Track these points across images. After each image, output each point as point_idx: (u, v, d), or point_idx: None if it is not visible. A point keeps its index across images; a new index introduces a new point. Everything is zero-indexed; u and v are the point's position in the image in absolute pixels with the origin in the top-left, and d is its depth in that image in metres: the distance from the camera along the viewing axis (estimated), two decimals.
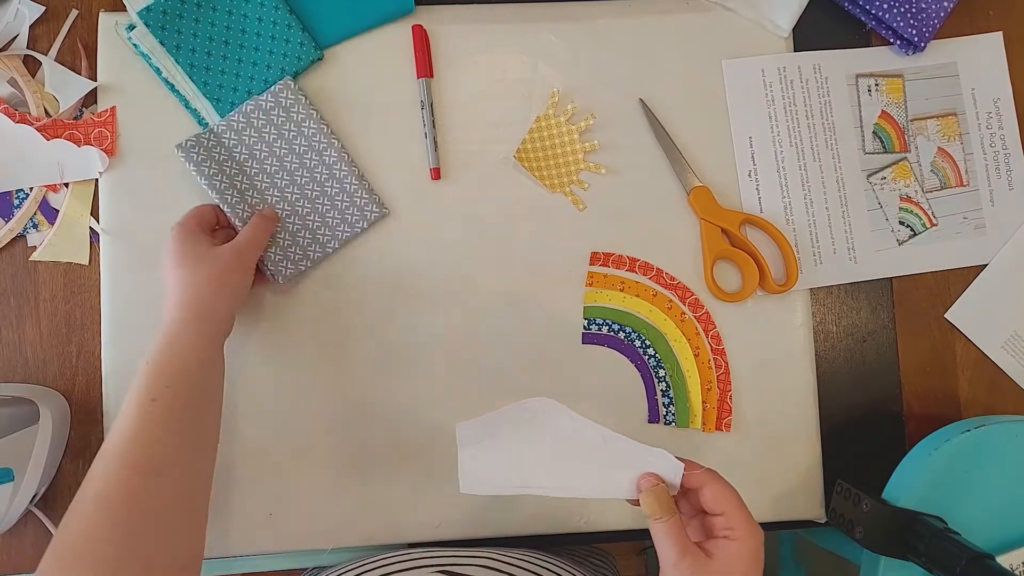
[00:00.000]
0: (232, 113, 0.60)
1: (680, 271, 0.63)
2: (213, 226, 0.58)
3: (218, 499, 0.60)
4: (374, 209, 0.61)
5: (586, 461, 0.47)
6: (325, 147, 0.61)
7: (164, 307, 0.52)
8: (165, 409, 0.46)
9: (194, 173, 0.58)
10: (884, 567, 0.56)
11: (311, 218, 0.61)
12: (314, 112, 0.60)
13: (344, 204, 0.61)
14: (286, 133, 0.60)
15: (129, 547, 0.42)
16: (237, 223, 0.58)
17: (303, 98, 0.60)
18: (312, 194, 0.61)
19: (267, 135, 0.60)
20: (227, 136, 0.59)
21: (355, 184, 0.61)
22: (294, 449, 0.60)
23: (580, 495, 0.47)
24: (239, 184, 0.59)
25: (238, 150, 0.60)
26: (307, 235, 0.60)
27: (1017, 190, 0.67)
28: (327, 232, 0.61)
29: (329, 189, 0.61)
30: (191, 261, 0.52)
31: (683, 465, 0.44)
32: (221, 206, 0.58)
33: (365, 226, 0.61)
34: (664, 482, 0.44)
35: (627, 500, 0.45)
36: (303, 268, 0.60)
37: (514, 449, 0.47)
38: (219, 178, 0.58)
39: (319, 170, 0.61)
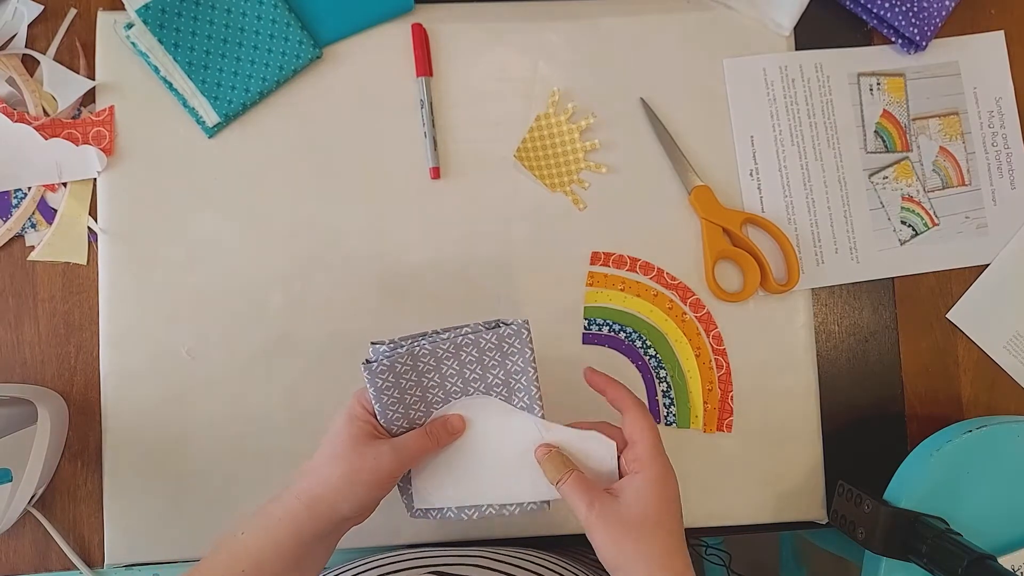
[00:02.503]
0: (444, 337, 0.49)
1: (681, 271, 0.63)
2: None
3: (217, 500, 0.60)
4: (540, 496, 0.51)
5: (528, 460, 0.49)
6: (522, 391, 0.50)
7: (298, 473, 0.47)
8: None
9: (369, 387, 0.48)
10: (886, 568, 0.56)
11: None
12: (532, 369, 0.49)
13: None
14: (491, 369, 0.50)
15: None
16: (387, 427, 0.50)
17: (530, 350, 0.49)
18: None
19: (469, 368, 0.50)
20: (424, 360, 0.49)
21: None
22: (293, 450, 0.60)
23: (531, 499, 0.50)
24: (408, 399, 0.49)
25: (432, 372, 0.50)
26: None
27: (1019, 189, 0.66)
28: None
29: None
30: (341, 454, 0.46)
31: (615, 444, 0.48)
32: (378, 414, 0.49)
33: (535, 505, 0.51)
34: (602, 469, 0.48)
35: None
36: (451, 516, 0.51)
37: (460, 463, 0.50)
38: (391, 392, 0.48)
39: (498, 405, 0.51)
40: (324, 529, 0.46)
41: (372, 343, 0.48)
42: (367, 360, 0.48)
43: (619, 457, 0.48)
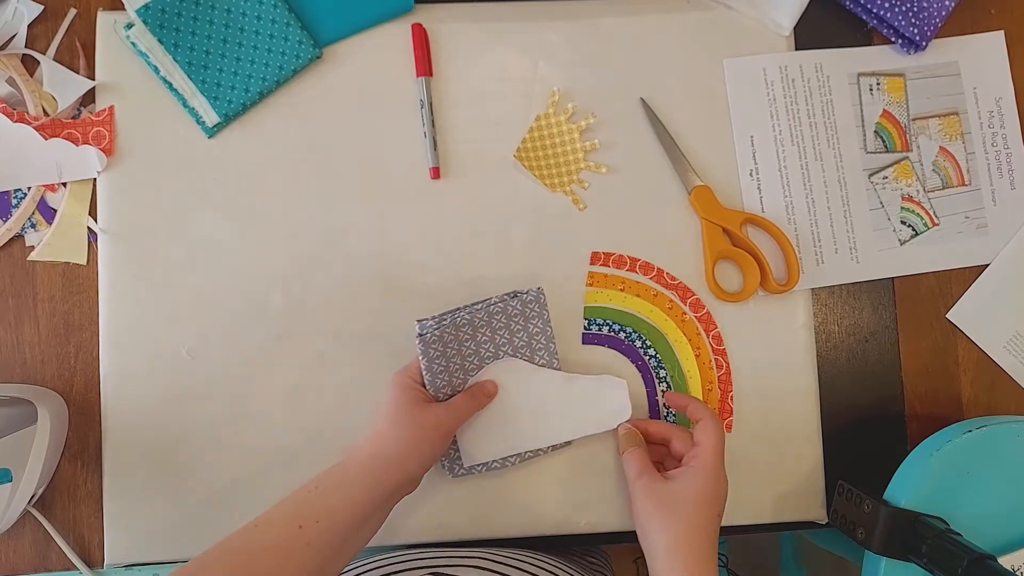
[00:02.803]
0: (478, 307, 0.57)
1: (681, 271, 0.63)
2: None
3: (217, 500, 0.60)
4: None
5: (559, 408, 0.59)
6: (542, 349, 0.59)
7: (359, 440, 0.52)
8: (305, 542, 0.46)
9: (421, 358, 0.55)
10: (885, 568, 0.56)
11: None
12: (550, 329, 0.59)
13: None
14: (517, 332, 0.58)
15: None
16: (437, 395, 0.57)
17: (546, 312, 0.59)
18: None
19: (499, 334, 0.58)
20: (463, 329, 0.57)
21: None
22: (293, 450, 0.60)
23: (564, 439, 0.59)
24: (452, 367, 0.57)
25: (469, 340, 0.57)
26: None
27: (1019, 189, 0.66)
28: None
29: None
30: (404, 419, 0.52)
31: (625, 382, 0.59)
32: (427, 383, 0.56)
33: (561, 445, 0.60)
34: (615, 405, 0.59)
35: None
36: (496, 467, 0.59)
37: (498, 419, 0.58)
38: (440, 361, 0.56)
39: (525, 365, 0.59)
40: (392, 488, 0.50)
41: (418, 321, 0.56)
42: (420, 334, 0.55)
43: (675, 440, 0.56)
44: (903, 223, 0.65)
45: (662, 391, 0.62)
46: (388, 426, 0.52)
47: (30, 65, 0.62)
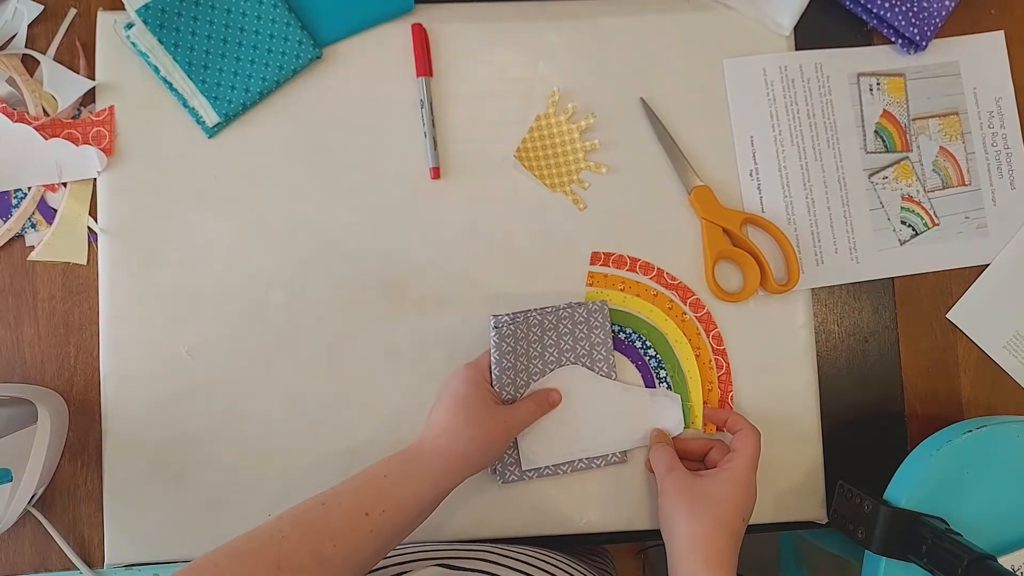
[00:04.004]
0: (548, 310, 0.59)
1: (681, 271, 0.63)
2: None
3: (218, 499, 0.60)
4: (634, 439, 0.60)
5: (616, 417, 0.60)
6: (601, 360, 0.60)
7: (427, 431, 0.53)
8: (369, 530, 0.46)
9: (494, 350, 0.57)
10: (885, 568, 0.56)
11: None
12: (610, 341, 0.61)
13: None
14: (580, 340, 0.60)
15: None
16: (501, 394, 0.58)
17: (608, 324, 0.60)
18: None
19: (564, 340, 0.60)
20: (534, 330, 0.59)
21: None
22: (295, 448, 0.60)
23: (620, 448, 0.60)
24: (519, 366, 0.58)
25: (537, 342, 0.59)
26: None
27: (1019, 189, 0.66)
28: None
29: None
30: (476, 417, 0.53)
31: (679, 396, 0.61)
32: (494, 378, 0.58)
33: (617, 456, 0.61)
34: (671, 420, 0.61)
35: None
36: (548, 473, 0.60)
37: (557, 424, 0.59)
38: (510, 357, 0.58)
39: (585, 375, 0.60)
40: (456, 484, 0.51)
41: (493, 316, 0.58)
42: (495, 327, 0.57)
43: (712, 451, 0.58)
44: (903, 223, 0.65)
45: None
46: (462, 424, 0.52)
47: (30, 65, 0.62)
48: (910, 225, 0.65)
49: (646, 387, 0.62)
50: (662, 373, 0.62)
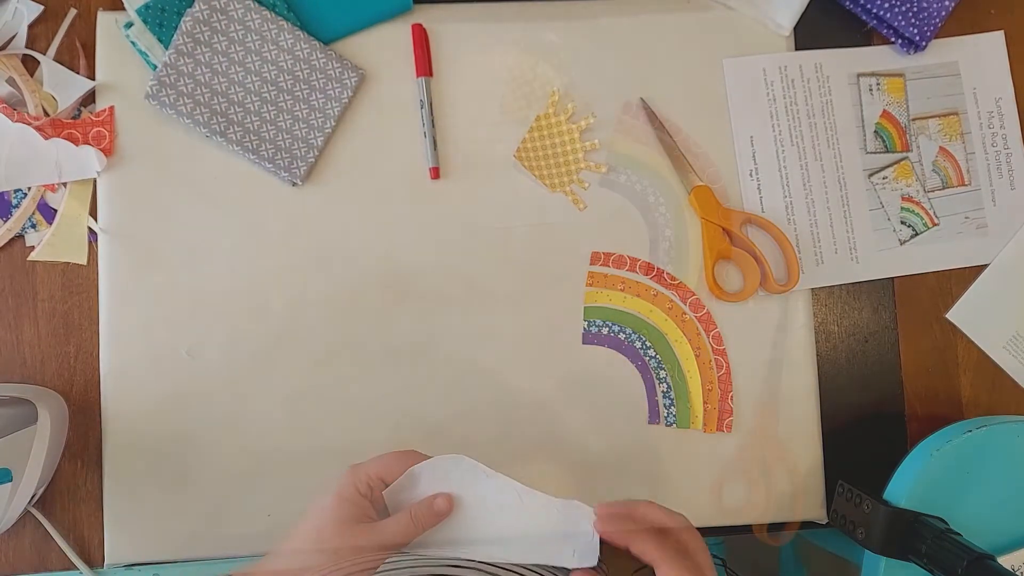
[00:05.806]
0: (174, 37, 0.58)
1: (681, 271, 0.63)
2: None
3: (217, 500, 0.60)
4: (351, 75, 0.61)
5: (508, 524, 0.47)
6: (277, 33, 0.59)
7: (280, 548, 0.46)
8: None
9: (173, 115, 0.57)
10: (885, 568, 0.56)
11: (298, 108, 0.60)
12: (251, 3, 0.59)
13: (322, 82, 0.61)
14: (234, 35, 0.59)
15: None
16: (234, 148, 0.58)
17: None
18: (288, 85, 0.60)
19: (218, 45, 0.58)
20: (181, 63, 0.58)
21: (322, 58, 0.60)
22: (293, 451, 0.60)
23: (507, 560, 0.47)
24: (218, 107, 0.57)
25: (199, 73, 0.58)
26: (302, 126, 0.60)
27: (1019, 190, 0.66)
28: (318, 115, 0.61)
29: (301, 73, 0.60)
30: (343, 528, 0.45)
31: (591, 509, 0.46)
32: (207, 135, 0.58)
33: (350, 94, 0.61)
34: (579, 531, 0.46)
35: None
36: (312, 159, 0.61)
37: (447, 535, 0.47)
38: (198, 110, 0.56)
39: (283, 59, 0.60)
40: None
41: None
42: (146, 95, 0.55)
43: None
44: (903, 223, 0.65)
45: (662, 392, 0.62)
46: (308, 541, 0.45)
47: (30, 65, 0.62)
48: (910, 225, 0.65)
49: (647, 392, 0.62)
50: (662, 373, 0.62)
